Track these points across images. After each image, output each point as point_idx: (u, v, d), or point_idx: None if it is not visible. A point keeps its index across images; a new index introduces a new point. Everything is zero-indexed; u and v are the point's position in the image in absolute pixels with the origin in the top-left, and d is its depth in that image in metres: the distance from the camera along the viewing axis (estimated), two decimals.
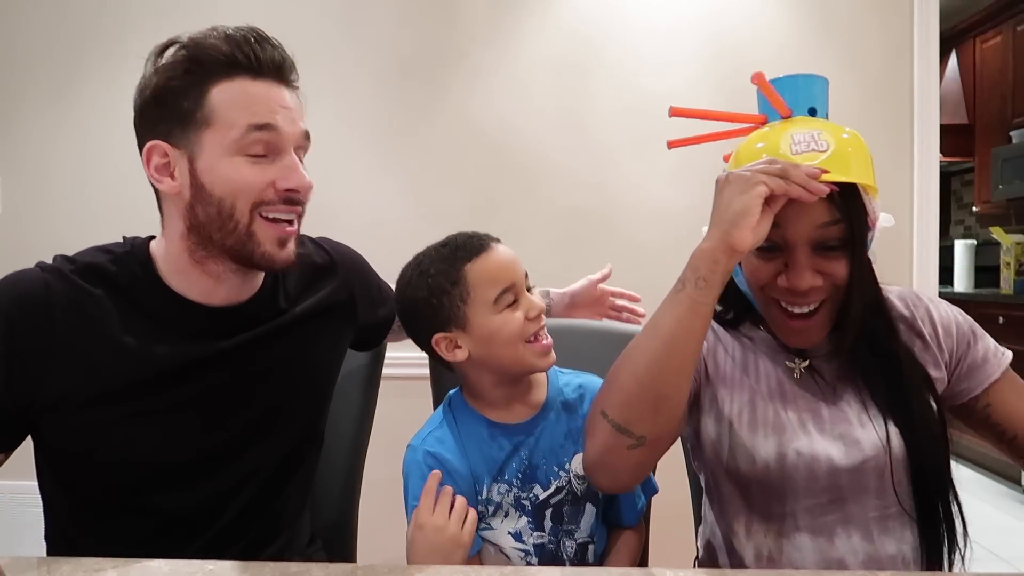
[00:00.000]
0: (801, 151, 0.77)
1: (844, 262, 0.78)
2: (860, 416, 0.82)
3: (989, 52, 3.69)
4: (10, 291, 0.78)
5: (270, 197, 0.79)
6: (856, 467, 0.80)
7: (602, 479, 0.80)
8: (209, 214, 0.78)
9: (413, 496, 0.83)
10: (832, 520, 0.82)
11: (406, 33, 2.01)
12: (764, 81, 0.81)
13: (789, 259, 0.78)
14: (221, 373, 0.83)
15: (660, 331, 0.75)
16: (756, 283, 0.83)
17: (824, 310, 0.81)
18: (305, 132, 0.83)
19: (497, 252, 0.86)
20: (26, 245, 2.02)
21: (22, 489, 0.89)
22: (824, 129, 0.78)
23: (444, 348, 0.86)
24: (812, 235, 0.77)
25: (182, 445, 0.82)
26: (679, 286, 0.75)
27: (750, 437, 0.84)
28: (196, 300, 0.82)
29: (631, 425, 0.75)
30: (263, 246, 0.80)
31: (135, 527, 0.81)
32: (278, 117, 0.78)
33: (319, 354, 0.94)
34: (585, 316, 1.18)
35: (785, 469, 0.81)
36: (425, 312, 0.86)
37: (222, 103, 0.77)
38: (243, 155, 0.78)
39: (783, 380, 0.87)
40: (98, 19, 2.02)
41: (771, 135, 0.80)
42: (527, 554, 0.86)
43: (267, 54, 0.79)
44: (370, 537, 1.22)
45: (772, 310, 0.83)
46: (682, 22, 2.00)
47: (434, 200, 2.02)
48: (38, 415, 0.78)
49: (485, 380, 0.89)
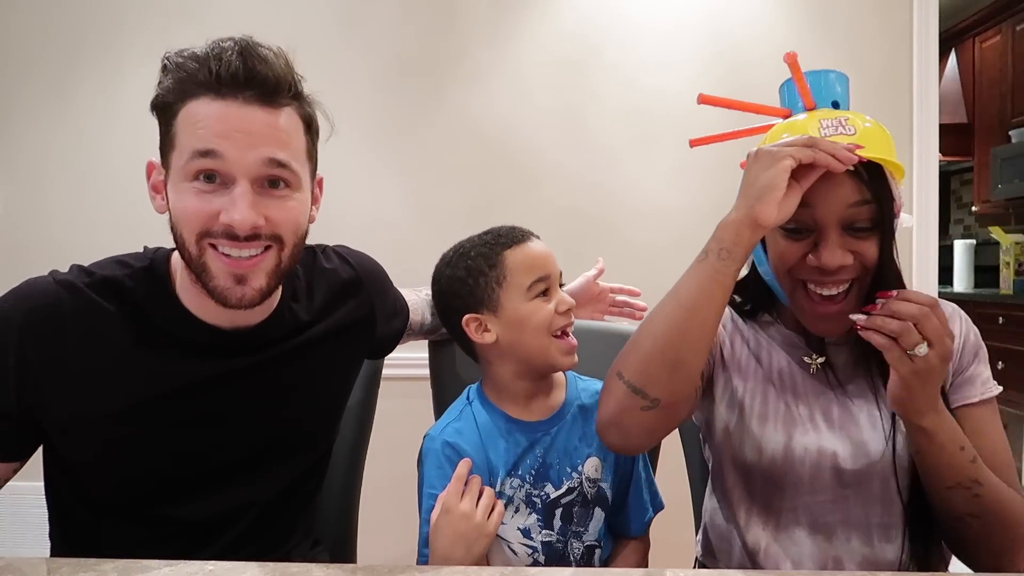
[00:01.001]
0: (829, 134, 0.77)
1: (874, 243, 0.78)
2: (871, 417, 0.82)
3: (988, 52, 3.69)
4: (23, 303, 0.76)
5: (214, 229, 0.73)
6: (861, 471, 0.80)
7: (614, 438, 0.80)
8: (175, 239, 0.76)
9: (429, 484, 0.85)
10: (833, 521, 0.82)
11: (406, 33, 2.01)
12: (796, 63, 0.81)
13: (819, 238, 0.78)
14: (235, 392, 0.82)
15: (681, 297, 0.76)
16: (784, 265, 0.81)
17: (853, 294, 0.80)
18: (269, 159, 0.73)
19: (535, 244, 0.91)
20: (25, 245, 2.02)
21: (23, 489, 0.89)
22: (850, 116, 0.79)
23: (474, 329, 0.89)
24: (843, 214, 0.77)
25: (196, 461, 0.81)
26: (702, 255, 0.76)
27: (759, 427, 0.84)
28: (210, 321, 0.80)
29: (646, 387, 0.75)
30: (215, 280, 0.74)
31: (144, 535, 0.81)
32: (225, 143, 0.71)
33: (338, 371, 0.94)
34: (585, 315, 1.18)
35: (791, 463, 0.82)
36: (461, 292, 0.90)
37: (181, 124, 0.73)
38: (190, 182, 0.72)
39: (796, 374, 0.86)
40: (97, 17, 2.01)
41: (797, 125, 0.81)
42: (534, 551, 0.86)
43: (231, 69, 0.71)
44: (370, 537, 1.22)
45: (799, 295, 0.82)
46: (682, 22, 2.00)
47: (433, 200, 2.02)
48: (49, 428, 0.78)
49: (507, 371, 0.90)
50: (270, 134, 0.73)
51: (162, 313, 0.80)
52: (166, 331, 0.80)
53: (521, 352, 0.89)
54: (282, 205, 0.76)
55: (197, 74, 0.72)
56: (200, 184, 0.72)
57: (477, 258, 0.89)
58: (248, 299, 0.76)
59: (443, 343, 1.14)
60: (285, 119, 0.75)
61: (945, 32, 3.67)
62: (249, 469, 0.85)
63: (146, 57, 1.97)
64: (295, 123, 0.77)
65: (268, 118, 0.73)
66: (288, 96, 0.76)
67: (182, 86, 0.73)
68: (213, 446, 0.82)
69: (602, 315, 1.22)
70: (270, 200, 0.75)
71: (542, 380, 0.93)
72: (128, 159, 1.98)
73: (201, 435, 0.81)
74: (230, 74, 0.71)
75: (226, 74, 0.71)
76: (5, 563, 0.69)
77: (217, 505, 0.83)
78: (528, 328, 0.87)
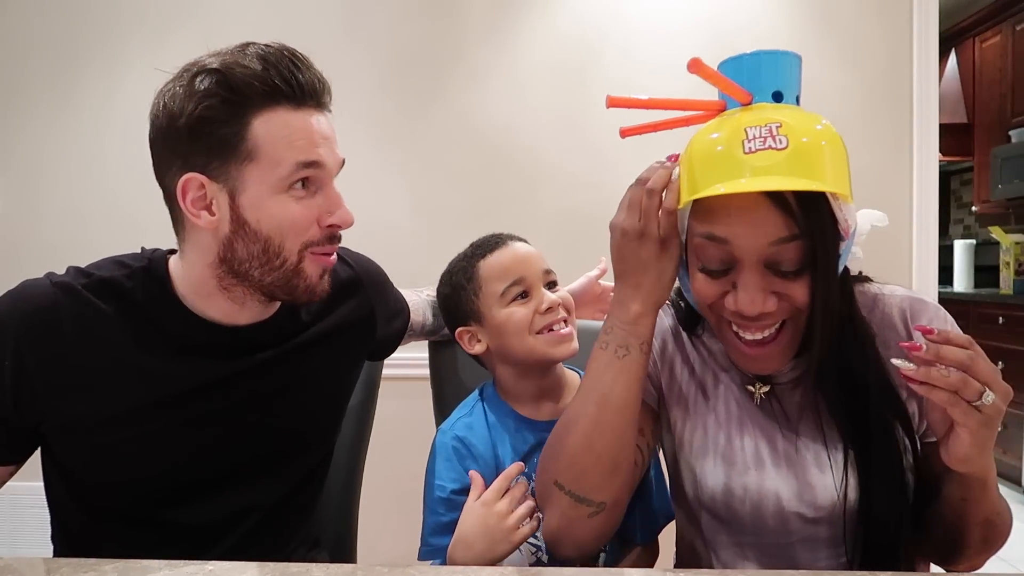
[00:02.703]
0: (755, 149, 0.63)
1: (804, 284, 0.67)
2: (819, 456, 0.74)
3: (988, 51, 3.68)
4: (20, 307, 0.75)
5: (316, 234, 0.78)
6: (807, 516, 0.74)
7: (567, 550, 0.76)
8: (252, 251, 0.75)
9: (438, 477, 0.86)
10: (780, 560, 0.76)
11: (405, 33, 2.01)
12: (703, 67, 0.66)
13: (737, 279, 0.68)
14: (239, 392, 0.82)
15: (611, 399, 0.72)
16: (703, 302, 0.73)
17: (785, 334, 0.71)
18: (342, 161, 0.81)
19: (510, 248, 0.91)
20: (20, 246, 2.02)
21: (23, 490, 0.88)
22: (784, 121, 0.64)
23: (467, 341, 0.92)
24: (764, 253, 0.66)
25: (196, 463, 0.81)
26: (622, 351, 0.73)
27: (699, 463, 0.79)
28: (216, 320, 0.80)
29: (589, 494, 0.72)
30: (308, 280, 0.79)
31: (144, 539, 0.80)
32: (322, 151, 0.76)
33: (338, 372, 0.94)
34: (587, 315, 1.18)
35: (731, 504, 0.77)
36: (450, 308, 0.95)
37: (266, 137, 0.72)
38: (287, 192, 0.75)
39: (741, 403, 0.79)
40: (96, 16, 2.01)
41: (726, 129, 0.67)
42: (538, 550, 0.87)
43: (306, 78, 0.75)
44: (370, 537, 1.22)
45: (725, 333, 0.74)
46: (682, 23, 2.00)
47: (432, 201, 2.02)
48: (47, 432, 0.77)
49: (507, 373, 0.92)
50: (334, 137, 0.80)
51: (163, 313, 0.79)
52: (166, 332, 0.79)
53: (511, 355, 0.90)
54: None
55: (273, 83, 0.73)
56: (298, 192, 0.76)
57: (458, 273, 0.93)
58: (327, 289, 0.82)
59: (443, 343, 1.14)
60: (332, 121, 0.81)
61: (945, 32, 3.66)
62: (250, 472, 0.84)
63: (144, 57, 1.97)
64: None
65: (329, 123, 0.79)
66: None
67: (245, 97, 0.72)
68: (213, 448, 0.81)
69: (602, 315, 1.21)
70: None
71: (546, 379, 0.93)
72: (125, 159, 1.98)
73: (201, 437, 0.80)
74: (308, 83, 0.75)
75: (306, 84, 0.75)
76: (5, 563, 0.69)
77: (218, 509, 0.83)
78: (508, 333, 0.88)
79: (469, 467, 0.85)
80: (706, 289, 0.71)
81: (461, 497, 0.83)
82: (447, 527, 0.83)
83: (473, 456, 0.86)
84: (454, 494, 0.84)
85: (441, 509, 0.84)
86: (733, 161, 0.64)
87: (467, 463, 0.85)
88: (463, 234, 0.98)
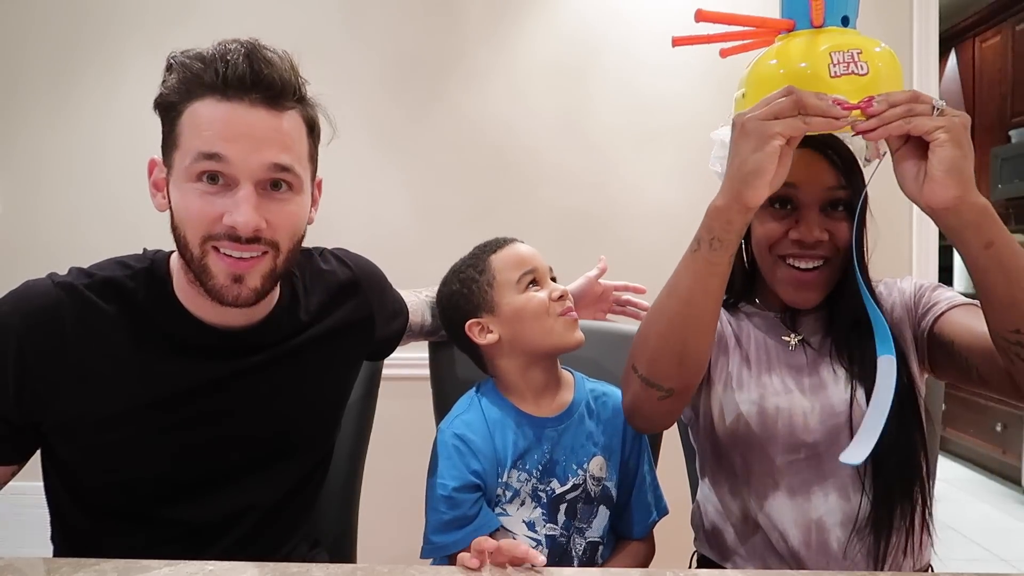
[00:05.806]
0: (840, 73, 0.72)
1: (847, 225, 0.86)
2: (838, 382, 0.88)
3: (988, 52, 3.69)
4: (22, 306, 0.76)
5: (218, 232, 0.73)
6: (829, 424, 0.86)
7: (640, 424, 0.90)
8: (176, 239, 0.76)
9: (439, 475, 0.87)
10: (809, 478, 0.86)
11: (405, 34, 2.01)
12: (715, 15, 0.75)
13: (800, 216, 0.86)
14: (239, 392, 0.82)
15: (680, 291, 0.78)
16: (767, 241, 0.88)
17: (826, 269, 0.87)
18: (273, 163, 0.73)
19: (519, 245, 0.97)
20: (21, 246, 2.02)
21: (23, 489, 0.89)
22: (862, 47, 0.73)
23: (477, 333, 0.93)
24: (822, 196, 0.86)
25: (196, 463, 0.81)
26: (695, 246, 0.76)
27: (736, 394, 0.90)
28: (209, 321, 0.81)
29: (659, 380, 0.80)
30: (215, 279, 0.75)
31: (144, 538, 0.80)
32: (230, 146, 0.71)
33: (337, 372, 0.94)
34: (588, 315, 1.18)
35: (764, 422, 0.88)
36: (459, 303, 0.95)
37: (185, 124, 0.73)
38: (194, 183, 0.73)
39: (774, 350, 0.92)
40: (97, 16, 2.01)
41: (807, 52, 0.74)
42: (539, 544, 0.88)
43: (238, 72, 0.71)
44: (370, 537, 1.22)
45: (779, 269, 0.89)
46: (682, 24, 2.00)
47: (433, 201, 2.02)
48: (49, 431, 0.78)
49: (515, 366, 0.93)
50: (274, 138, 0.74)
51: (163, 314, 0.80)
52: (166, 332, 0.79)
53: (525, 342, 0.92)
54: (283, 208, 0.76)
55: (203, 75, 0.72)
56: (204, 185, 0.73)
57: (467, 269, 0.96)
58: (243, 298, 0.76)
59: (443, 343, 1.14)
60: (289, 122, 0.75)
61: (945, 32, 3.66)
62: (250, 471, 0.84)
63: (143, 57, 1.97)
64: (298, 126, 0.77)
65: (273, 121, 0.74)
66: (292, 99, 0.76)
67: (187, 86, 0.72)
68: (213, 448, 0.82)
69: (605, 315, 1.22)
70: (271, 203, 0.75)
71: (551, 371, 0.95)
72: (124, 160, 1.98)
73: (201, 437, 0.81)
74: (236, 76, 0.71)
75: (232, 76, 0.71)
76: (5, 563, 0.70)
77: (218, 508, 0.83)
78: (527, 316, 0.91)
79: (470, 464, 0.86)
80: (773, 228, 0.88)
81: (462, 495, 0.84)
82: (449, 525, 0.84)
83: (474, 452, 0.87)
84: (456, 492, 0.85)
85: (443, 507, 0.85)
86: (821, 83, 0.72)
87: (468, 460, 0.86)
88: (463, 234, 0.98)
